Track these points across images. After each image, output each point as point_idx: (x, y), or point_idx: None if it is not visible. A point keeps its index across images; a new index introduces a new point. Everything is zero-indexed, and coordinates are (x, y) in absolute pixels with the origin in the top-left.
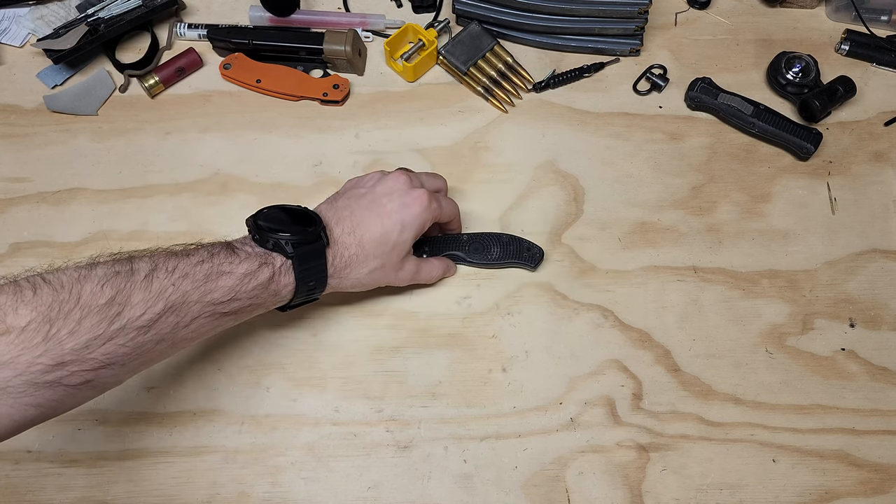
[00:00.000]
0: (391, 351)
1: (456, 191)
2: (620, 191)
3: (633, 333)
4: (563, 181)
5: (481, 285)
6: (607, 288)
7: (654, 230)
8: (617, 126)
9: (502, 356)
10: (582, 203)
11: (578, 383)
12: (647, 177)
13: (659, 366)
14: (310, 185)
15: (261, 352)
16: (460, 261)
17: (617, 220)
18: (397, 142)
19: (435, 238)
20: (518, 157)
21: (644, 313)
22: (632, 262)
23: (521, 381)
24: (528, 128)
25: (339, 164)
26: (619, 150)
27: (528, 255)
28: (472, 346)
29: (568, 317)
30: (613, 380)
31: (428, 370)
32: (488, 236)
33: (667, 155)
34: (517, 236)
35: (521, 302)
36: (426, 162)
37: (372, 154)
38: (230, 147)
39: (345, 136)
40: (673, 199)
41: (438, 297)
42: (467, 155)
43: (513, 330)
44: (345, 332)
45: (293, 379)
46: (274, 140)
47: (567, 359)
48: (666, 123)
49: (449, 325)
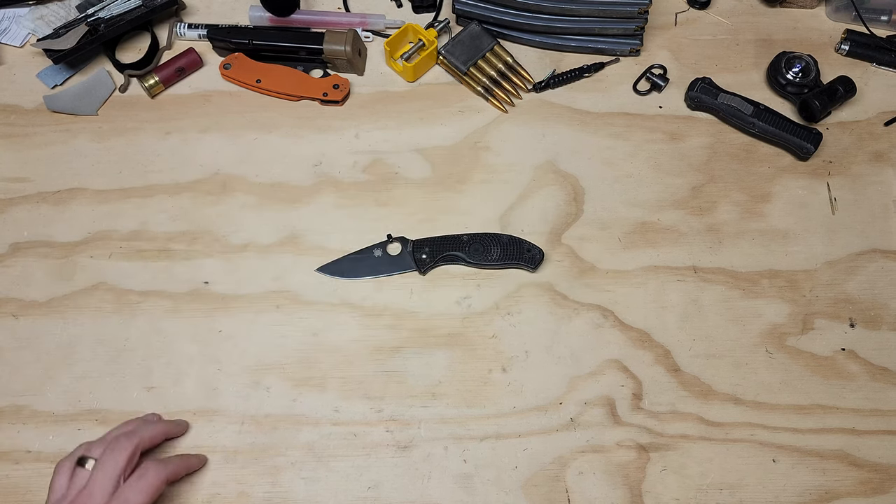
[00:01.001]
0: (391, 351)
1: (455, 191)
2: (620, 191)
3: (633, 333)
4: (563, 181)
5: (481, 285)
6: (607, 288)
7: (654, 230)
8: (617, 126)
9: (502, 356)
10: (582, 203)
11: (578, 383)
12: (647, 177)
13: (659, 366)
14: (310, 185)
15: (261, 352)
16: (460, 261)
17: (617, 219)
18: (397, 142)
19: (435, 239)
20: (518, 156)
21: (644, 313)
22: (632, 262)
23: (521, 381)
24: (529, 128)
25: (339, 164)
26: (619, 149)
27: (528, 256)
28: (472, 346)
29: (568, 317)
30: (613, 380)
31: (428, 370)
32: (488, 237)
33: (667, 155)
34: (517, 237)
35: (522, 302)
36: (426, 162)
37: (372, 154)
38: (230, 147)
39: (345, 136)
40: (673, 199)
41: (438, 298)
42: (467, 155)
43: (513, 330)
44: (344, 332)
45: (293, 379)
46: (274, 140)
47: (567, 359)
48: (666, 123)
49: (449, 325)
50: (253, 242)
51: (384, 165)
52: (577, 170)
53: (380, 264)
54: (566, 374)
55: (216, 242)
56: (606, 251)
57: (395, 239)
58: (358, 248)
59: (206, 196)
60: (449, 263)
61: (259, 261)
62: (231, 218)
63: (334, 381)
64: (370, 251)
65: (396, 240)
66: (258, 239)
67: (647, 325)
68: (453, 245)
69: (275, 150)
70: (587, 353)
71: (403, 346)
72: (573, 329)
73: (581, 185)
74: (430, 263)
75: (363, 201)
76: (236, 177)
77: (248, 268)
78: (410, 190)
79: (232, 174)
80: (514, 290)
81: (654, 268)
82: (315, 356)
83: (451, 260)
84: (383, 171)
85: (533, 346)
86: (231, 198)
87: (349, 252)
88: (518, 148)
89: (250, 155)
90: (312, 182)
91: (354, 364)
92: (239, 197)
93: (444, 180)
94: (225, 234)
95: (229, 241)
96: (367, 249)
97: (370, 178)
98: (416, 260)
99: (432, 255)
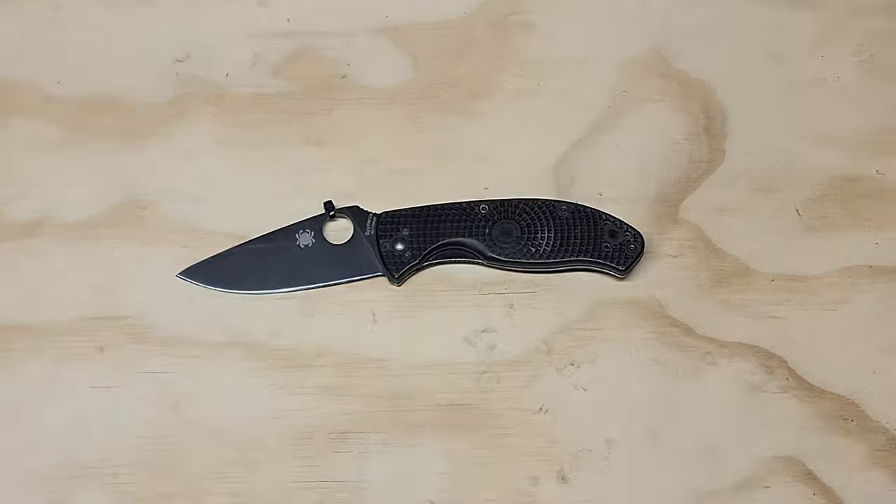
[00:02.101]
0: (333, 440)
1: (463, 113)
2: (800, 113)
3: (826, 404)
4: (681, 93)
5: (516, 306)
6: (773, 311)
7: (870, 193)
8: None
9: (560, 450)
10: (721, 138)
11: (718, 502)
12: (855, 84)
13: (880, 468)
14: (166, 101)
15: (66, 442)
16: (473, 257)
17: (793, 172)
18: (345, 13)
19: (422, 212)
20: (590, 45)
21: (848, 363)
22: (823, 258)
23: (600, 500)
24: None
25: (227, 60)
26: (796, 30)
27: (613, 246)
28: (498, 429)
29: (694, 370)
30: (788, 496)
31: (408, 481)
32: (531, 209)
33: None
34: (589, 208)
35: (597, 338)
36: (404, 54)
37: (293, 39)
38: (3, 25)
39: (240, 2)
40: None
41: (429, 330)
42: (486, 41)
43: (581, 397)
44: (239, 402)
45: (132, 500)
46: (93, 13)
47: (693, 455)
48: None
49: (451, 385)
50: (51, 217)
51: (319, 61)
52: (712, 70)
53: (310, 263)
54: (692, 487)
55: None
56: (771, 236)
57: (340, 211)
58: (265, 229)
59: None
60: (450, 261)
61: (64, 255)
62: (6, 169)
63: (217, 502)
64: (290, 236)
65: (344, 213)
66: (61, 210)
67: (856, 388)
68: (459, 224)
69: (96, 33)
70: (734, 445)
71: (359, 429)
72: (704, 394)
73: (719, 102)
74: (411, 261)
75: (275, 135)
76: (15, 84)
77: (42, 269)
78: (372, 112)
79: (6, 80)
80: (582, 315)
81: (868, 268)
82: (178, 449)
83: (455, 254)
84: (317, 72)
85: (621, 429)
86: (5, 128)
87: (247, 238)
88: (590, 27)
89: (44, 41)
90: (172, 95)
91: (259, 467)
92: (20, 126)
93: (440, 92)
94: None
95: (4, 215)
96: (282, 233)
97: (290, 86)
98: (382, 253)
99: (417, 245)
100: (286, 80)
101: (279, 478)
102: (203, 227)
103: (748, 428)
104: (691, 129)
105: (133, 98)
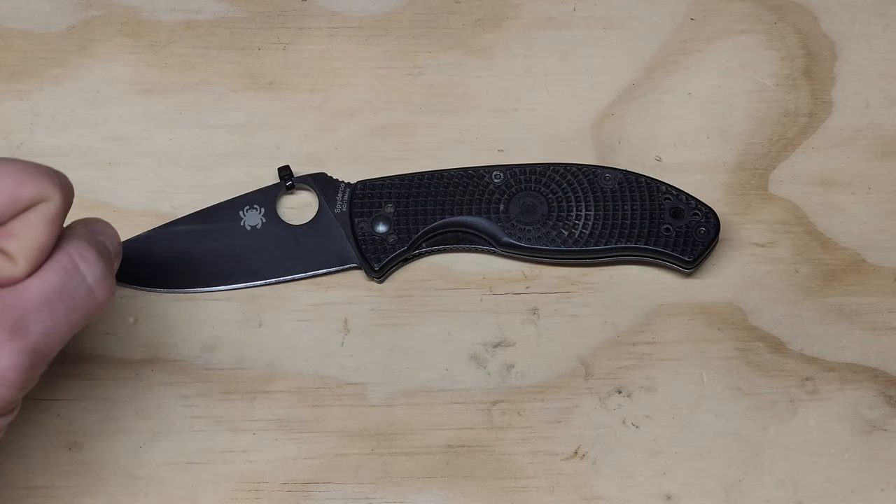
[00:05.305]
0: (290, 493)
1: (467, 46)
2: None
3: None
4: (773, 22)
5: (542, 311)
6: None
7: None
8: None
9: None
10: (827, 85)
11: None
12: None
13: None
14: (62, 29)
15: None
16: (483, 242)
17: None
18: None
19: (412, 181)
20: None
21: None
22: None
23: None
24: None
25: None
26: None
27: (677, 227)
28: (517, 480)
29: (788, 401)
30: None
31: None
32: (561, 177)
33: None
34: (643, 176)
35: (654, 357)
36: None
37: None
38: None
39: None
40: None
41: (424, 344)
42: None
43: (631, 436)
44: (157, 442)
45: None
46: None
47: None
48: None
49: (453, 420)
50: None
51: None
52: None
53: (259, 251)
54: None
55: None
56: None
57: (301, 180)
58: (198, 205)
59: None
60: (451, 249)
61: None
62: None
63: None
64: (231, 215)
65: (306, 183)
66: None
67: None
68: (463, 198)
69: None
70: (844, 499)
71: (328, 479)
72: (803, 435)
73: (825, 35)
74: (397, 248)
75: (212, 77)
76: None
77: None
78: (346, 47)
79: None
80: (634, 324)
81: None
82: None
83: (458, 239)
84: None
85: (687, 483)
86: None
87: (173, 218)
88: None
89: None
90: (70, 21)
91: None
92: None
93: (440, 20)
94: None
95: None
96: (221, 210)
97: (233, 10)
98: (358, 237)
99: (405, 227)
100: (228, 3)
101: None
102: (112, 203)
103: (864, 481)
104: (786, 71)
105: (16, 25)
